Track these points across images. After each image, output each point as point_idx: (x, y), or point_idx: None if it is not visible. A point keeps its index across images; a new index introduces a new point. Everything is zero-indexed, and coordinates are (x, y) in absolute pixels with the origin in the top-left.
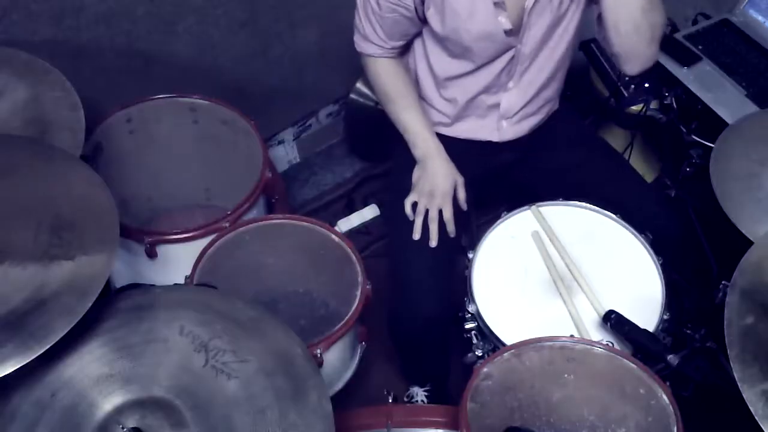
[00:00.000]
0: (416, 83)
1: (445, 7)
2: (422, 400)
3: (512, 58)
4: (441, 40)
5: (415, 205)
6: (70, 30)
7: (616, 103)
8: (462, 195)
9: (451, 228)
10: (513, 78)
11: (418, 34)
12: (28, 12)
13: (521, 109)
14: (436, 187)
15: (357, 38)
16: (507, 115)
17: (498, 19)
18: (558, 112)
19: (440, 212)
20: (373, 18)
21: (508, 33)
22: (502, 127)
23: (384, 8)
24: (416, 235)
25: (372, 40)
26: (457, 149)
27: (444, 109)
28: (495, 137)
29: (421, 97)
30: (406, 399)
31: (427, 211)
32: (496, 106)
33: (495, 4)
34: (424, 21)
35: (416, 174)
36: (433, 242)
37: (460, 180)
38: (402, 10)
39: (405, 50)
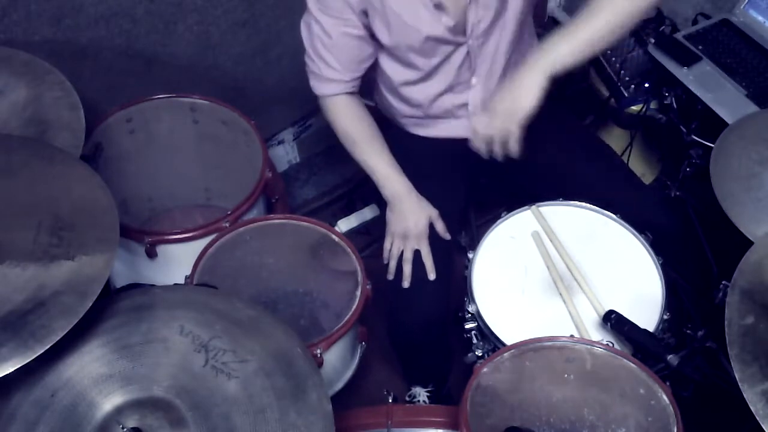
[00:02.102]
0: (381, 96)
1: (388, 15)
2: (424, 401)
3: (467, 53)
4: (391, 52)
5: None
6: (70, 30)
7: (616, 103)
8: (440, 227)
9: (429, 266)
10: (476, 73)
11: (374, 65)
12: (28, 12)
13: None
14: (408, 230)
15: (313, 82)
16: (476, 111)
17: (441, 19)
18: (545, 108)
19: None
20: (324, 51)
21: (452, 31)
22: None
23: (333, 34)
24: (390, 276)
25: (328, 75)
26: (441, 149)
27: (414, 114)
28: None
29: (389, 110)
30: (408, 399)
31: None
32: (464, 105)
33: (435, 5)
34: (373, 36)
35: (388, 215)
36: (406, 283)
37: (434, 214)
38: (350, 30)
39: (362, 86)
